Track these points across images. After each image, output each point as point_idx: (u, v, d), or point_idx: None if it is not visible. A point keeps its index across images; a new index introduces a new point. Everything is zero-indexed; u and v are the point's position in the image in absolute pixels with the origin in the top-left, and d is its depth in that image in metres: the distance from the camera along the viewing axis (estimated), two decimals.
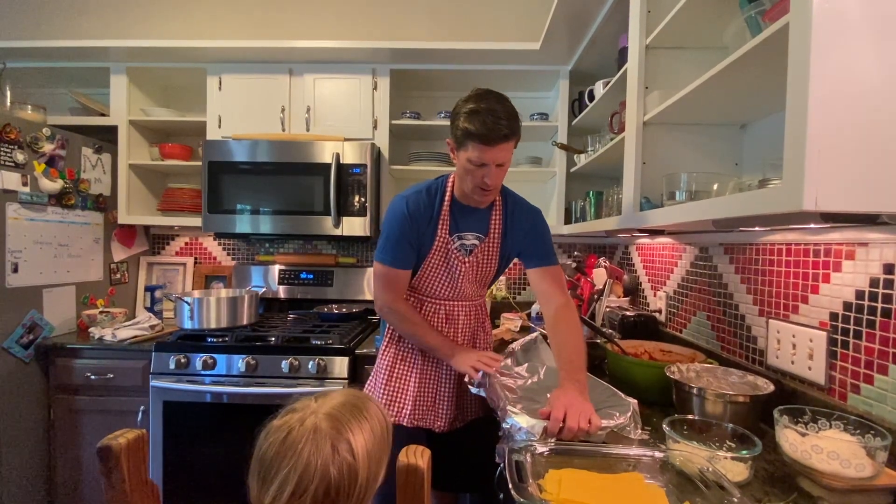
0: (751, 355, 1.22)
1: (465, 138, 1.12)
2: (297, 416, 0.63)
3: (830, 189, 0.60)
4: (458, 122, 1.13)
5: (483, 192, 1.18)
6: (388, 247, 1.24)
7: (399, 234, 1.23)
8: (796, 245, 1.07)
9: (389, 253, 1.24)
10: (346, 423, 0.62)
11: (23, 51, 2.06)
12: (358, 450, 0.60)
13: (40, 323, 1.81)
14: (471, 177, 1.16)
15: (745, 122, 1.19)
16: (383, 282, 1.26)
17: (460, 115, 1.12)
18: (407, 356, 1.32)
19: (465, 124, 1.10)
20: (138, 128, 2.22)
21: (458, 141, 1.15)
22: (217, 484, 1.72)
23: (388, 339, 1.35)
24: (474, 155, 1.12)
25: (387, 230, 1.25)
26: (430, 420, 1.28)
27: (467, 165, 1.14)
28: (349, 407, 0.65)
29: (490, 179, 1.14)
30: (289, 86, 2.09)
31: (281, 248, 2.46)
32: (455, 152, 1.19)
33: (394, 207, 1.25)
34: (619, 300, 1.91)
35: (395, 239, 1.23)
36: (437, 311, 1.32)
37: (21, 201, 1.73)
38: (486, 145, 1.10)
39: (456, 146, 1.17)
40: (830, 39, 0.59)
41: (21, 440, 1.73)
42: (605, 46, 1.77)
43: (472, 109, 1.11)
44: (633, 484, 0.73)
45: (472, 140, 1.10)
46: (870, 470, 0.72)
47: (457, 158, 1.18)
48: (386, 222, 1.27)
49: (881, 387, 0.85)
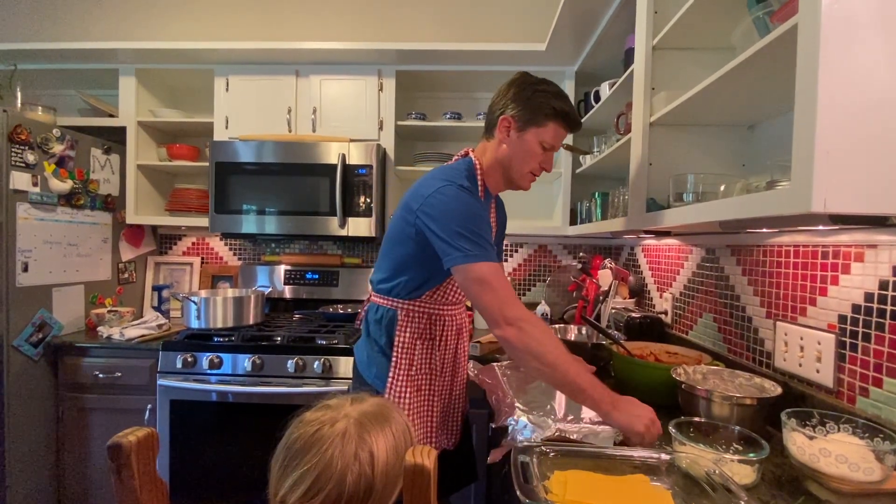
0: (758, 357, 1.21)
1: (551, 118, 1.06)
2: (330, 416, 0.63)
3: (839, 190, 0.59)
4: (542, 98, 1.05)
5: (533, 179, 1.15)
6: (480, 237, 0.97)
7: (486, 221, 1.02)
8: (804, 247, 1.06)
9: (485, 244, 0.98)
10: (373, 434, 0.62)
11: (33, 53, 2.08)
12: (378, 463, 0.60)
13: (49, 322, 1.83)
14: (531, 160, 1.10)
15: (753, 124, 1.19)
16: (499, 285, 0.96)
17: (543, 94, 1.06)
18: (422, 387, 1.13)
19: (557, 103, 1.05)
20: (146, 129, 2.24)
21: (535, 118, 1.06)
22: (223, 482, 1.72)
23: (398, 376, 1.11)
24: (552, 137, 1.07)
25: (467, 219, 0.98)
26: (446, 440, 1.21)
27: (534, 148, 1.08)
28: (380, 418, 0.65)
29: (548, 165, 1.13)
30: (295, 87, 2.11)
31: (287, 248, 2.47)
32: (516, 131, 1.08)
33: (462, 195, 1.02)
34: (625, 301, 1.90)
35: (483, 227, 0.99)
36: (452, 322, 1.17)
37: (31, 201, 1.75)
38: (570, 129, 1.08)
39: (524, 125, 1.07)
40: (839, 40, 0.59)
41: (30, 437, 1.75)
42: (611, 47, 1.76)
43: (557, 91, 1.07)
44: (638, 486, 0.73)
45: (561, 121, 1.06)
46: (878, 474, 0.71)
47: (515, 138, 1.09)
48: (461, 211, 0.99)
49: (890, 390, 0.84)
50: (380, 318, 1.15)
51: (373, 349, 1.16)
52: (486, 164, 1.15)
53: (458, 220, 0.99)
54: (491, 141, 1.15)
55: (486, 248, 0.98)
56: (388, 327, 1.13)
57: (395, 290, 1.13)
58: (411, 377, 1.11)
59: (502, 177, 1.16)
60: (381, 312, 1.15)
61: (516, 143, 1.09)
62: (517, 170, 1.12)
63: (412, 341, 1.12)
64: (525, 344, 0.94)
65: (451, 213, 0.99)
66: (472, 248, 0.97)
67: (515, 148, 1.10)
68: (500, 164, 1.14)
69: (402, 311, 1.12)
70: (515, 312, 0.94)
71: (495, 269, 0.97)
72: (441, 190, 1.02)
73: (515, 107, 1.08)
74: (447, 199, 1.01)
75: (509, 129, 1.10)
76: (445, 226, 0.99)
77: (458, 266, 0.97)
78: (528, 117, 1.07)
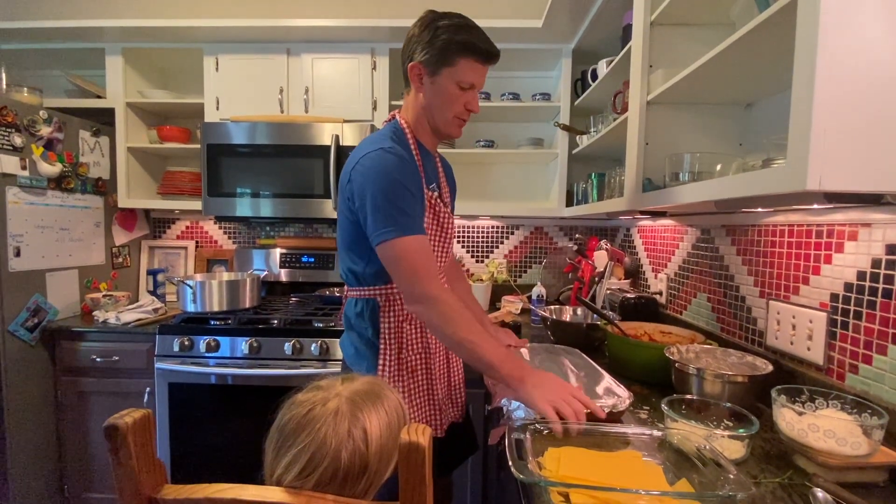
0: (750, 336, 1.22)
1: (457, 54, 0.97)
2: (321, 396, 0.63)
3: (835, 169, 0.59)
4: (444, 35, 0.96)
5: (462, 124, 1.06)
6: (400, 211, 0.93)
7: (408, 190, 0.95)
8: (798, 226, 1.06)
9: (404, 218, 0.93)
10: (365, 412, 0.62)
11: (17, 32, 2.02)
12: (372, 440, 0.61)
13: (44, 306, 1.83)
14: (453, 104, 1.02)
15: (751, 102, 1.17)
16: (413, 260, 0.94)
17: (444, 29, 0.96)
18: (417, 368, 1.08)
19: (461, 36, 0.96)
20: (136, 110, 2.20)
21: (443, 58, 0.98)
22: (222, 463, 1.75)
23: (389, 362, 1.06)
24: (467, 74, 0.99)
25: (386, 192, 0.94)
26: (452, 413, 1.18)
27: (451, 89, 1.00)
28: (372, 396, 0.65)
29: (474, 106, 1.04)
30: (286, 66, 2.06)
31: (282, 231, 2.45)
32: (428, 77, 1.01)
33: (383, 161, 0.95)
34: (620, 282, 1.92)
35: (406, 198, 0.94)
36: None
37: (21, 185, 1.73)
38: (483, 62, 0.99)
39: (434, 67, 0.99)
40: (839, 15, 0.58)
41: (30, 421, 1.77)
42: (608, 24, 1.73)
43: (459, 24, 0.98)
44: (631, 461, 0.75)
45: (468, 55, 0.97)
46: (866, 448, 0.73)
47: (429, 84, 1.02)
48: (378, 185, 0.94)
49: (879, 367, 0.86)
50: (360, 310, 1.09)
51: (360, 342, 1.10)
52: (412, 120, 1.08)
53: (374, 192, 0.94)
54: (409, 94, 1.08)
55: (401, 221, 0.94)
56: (372, 318, 1.07)
57: (365, 279, 1.07)
58: (402, 360, 1.07)
59: (431, 129, 1.08)
60: (361, 305, 1.09)
61: (431, 90, 1.02)
62: (440, 118, 1.05)
63: (398, 325, 1.07)
64: (429, 319, 0.96)
65: (369, 184, 0.95)
66: (387, 225, 0.93)
67: (432, 95, 1.02)
68: (423, 115, 1.06)
69: (382, 298, 1.06)
70: (424, 290, 0.94)
71: (409, 244, 0.94)
72: (361, 161, 0.98)
73: (421, 51, 1.00)
74: (366, 170, 0.96)
75: (421, 76, 1.02)
76: (365, 201, 0.96)
77: (377, 245, 0.96)
78: (436, 59, 0.99)
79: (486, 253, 2.45)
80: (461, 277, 1.39)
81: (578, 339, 1.46)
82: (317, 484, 0.58)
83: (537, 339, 1.64)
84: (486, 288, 2.20)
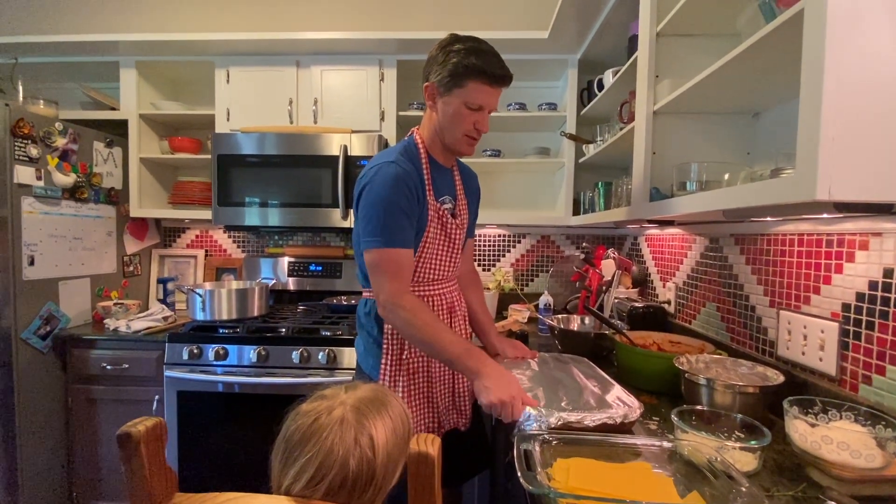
0: (761, 346, 1.21)
1: (466, 76, 1.03)
2: (326, 405, 0.63)
3: (844, 178, 0.59)
4: (455, 59, 1.02)
5: (472, 142, 1.12)
6: (384, 224, 1.02)
7: (396, 205, 1.03)
8: (808, 235, 1.06)
9: (386, 231, 1.02)
10: (370, 419, 0.62)
11: (34, 46, 2.08)
12: (379, 446, 0.61)
13: (57, 314, 1.85)
14: (462, 123, 1.08)
15: (758, 111, 1.17)
16: (384, 269, 1.03)
17: (455, 53, 1.02)
18: (418, 370, 1.13)
19: (470, 60, 1.01)
20: (148, 122, 2.24)
21: (454, 80, 1.04)
22: (230, 471, 1.75)
23: (390, 362, 1.12)
24: (475, 96, 1.04)
25: (377, 205, 1.02)
26: (455, 419, 1.21)
27: (461, 109, 1.07)
28: (377, 403, 0.65)
29: (483, 126, 1.10)
30: (296, 78, 2.09)
31: (290, 240, 2.47)
32: (441, 97, 1.08)
33: (383, 175, 1.04)
34: (628, 291, 1.91)
35: (393, 212, 1.02)
36: (442, 301, 1.18)
37: (36, 195, 1.76)
38: (492, 85, 1.05)
39: (445, 88, 1.06)
40: (846, 25, 0.58)
41: (40, 428, 1.78)
42: (615, 34, 1.74)
43: (471, 48, 1.03)
44: (640, 473, 0.74)
45: (477, 78, 1.03)
46: (880, 460, 0.71)
47: (441, 104, 1.08)
48: (373, 196, 1.04)
49: (893, 378, 0.84)
50: (369, 310, 1.18)
51: (368, 341, 1.18)
52: (428, 137, 1.16)
53: (367, 203, 1.05)
54: (426, 112, 1.16)
55: (382, 229, 1.03)
56: (378, 317, 1.14)
57: None
58: (403, 361, 1.12)
59: (442, 146, 1.15)
60: (370, 305, 1.17)
61: (443, 109, 1.09)
62: (450, 136, 1.12)
63: None
64: (394, 323, 1.06)
65: (365, 195, 1.06)
66: (371, 236, 1.04)
67: (443, 114, 1.10)
68: (436, 133, 1.13)
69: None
70: (388, 297, 1.03)
71: (387, 255, 1.03)
72: (367, 173, 1.08)
73: (435, 72, 1.07)
74: (368, 181, 1.06)
75: (434, 95, 1.10)
76: (359, 209, 1.08)
77: (363, 252, 1.07)
78: (448, 80, 1.05)
79: (493, 261, 2.45)
80: (475, 285, 1.40)
81: (587, 349, 1.45)
82: (326, 493, 0.58)
83: (545, 348, 1.63)
84: (493, 296, 2.20)
